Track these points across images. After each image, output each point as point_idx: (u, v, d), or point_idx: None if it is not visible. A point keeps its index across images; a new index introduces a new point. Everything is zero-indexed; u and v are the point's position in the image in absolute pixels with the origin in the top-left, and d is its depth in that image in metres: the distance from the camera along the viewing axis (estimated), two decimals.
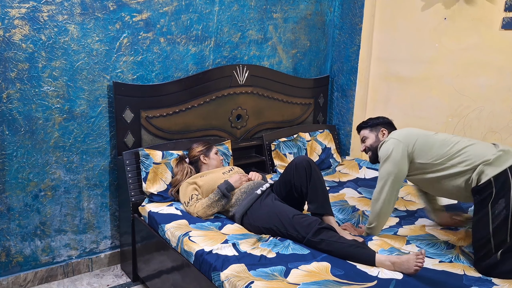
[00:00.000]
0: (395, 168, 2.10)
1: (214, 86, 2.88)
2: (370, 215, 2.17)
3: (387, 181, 2.11)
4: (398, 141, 2.12)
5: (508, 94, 2.62)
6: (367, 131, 2.36)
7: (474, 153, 2.01)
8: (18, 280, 2.47)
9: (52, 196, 2.49)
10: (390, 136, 2.18)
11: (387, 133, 2.29)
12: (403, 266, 1.77)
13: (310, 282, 1.68)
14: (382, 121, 2.36)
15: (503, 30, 2.59)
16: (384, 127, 2.32)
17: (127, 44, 2.55)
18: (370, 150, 2.34)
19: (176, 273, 2.14)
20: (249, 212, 2.23)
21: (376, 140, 2.32)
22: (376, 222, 2.15)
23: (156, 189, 2.50)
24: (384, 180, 2.12)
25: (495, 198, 1.90)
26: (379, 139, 2.31)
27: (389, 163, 2.11)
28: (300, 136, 3.24)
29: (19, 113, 2.31)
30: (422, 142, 2.13)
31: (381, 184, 2.13)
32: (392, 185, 2.11)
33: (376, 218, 2.15)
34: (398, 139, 2.13)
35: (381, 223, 2.16)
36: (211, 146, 2.63)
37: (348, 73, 3.44)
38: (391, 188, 2.11)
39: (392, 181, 2.10)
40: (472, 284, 1.73)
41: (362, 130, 2.39)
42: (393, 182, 2.11)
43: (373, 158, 2.34)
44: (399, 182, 2.13)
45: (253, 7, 3.02)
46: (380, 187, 2.13)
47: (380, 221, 2.15)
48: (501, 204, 1.89)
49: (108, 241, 2.75)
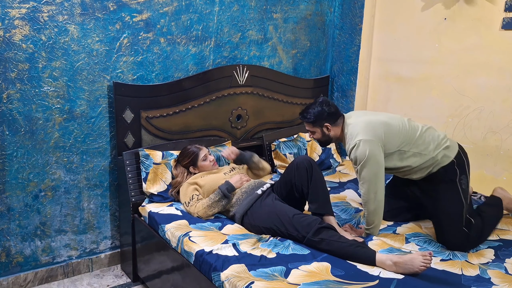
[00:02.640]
0: (377, 166, 2.12)
1: (214, 86, 2.88)
2: (367, 217, 2.18)
3: (375, 178, 2.12)
4: (370, 141, 2.11)
5: (508, 94, 2.62)
6: (311, 126, 2.30)
7: (430, 139, 2.20)
8: (18, 281, 2.47)
9: (52, 196, 2.49)
10: (359, 137, 2.12)
11: (331, 127, 2.25)
12: (406, 265, 1.77)
13: (310, 283, 1.68)
14: (323, 115, 2.25)
15: (503, 30, 2.59)
16: (327, 122, 2.26)
17: (127, 44, 2.55)
18: (318, 141, 2.36)
19: (176, 274, 2.14)
20: (249, 212, 2.23)
21: (323, 135, 2.30)
22: (376, 221, 2.16)
23: (156, 189, 2.50)
24: (371, 180, 2.12)
25: (459, 175, 2.17)
26: (326, 134, 2.28)
27: (370, 165, 2.11)
28: (300, 136, 3.24)
29: (19, 113, 2.31)
30: (386, 133, 2.16)
31: (368, 184, 2.12)
32: (379, 182, 2.13)
33: (374, 217, 2.16)
34: (369, 138, 2.11)
35: (380, 220, 2.18)
36: (196, 155, 2.51)
37: (348, 73, 3.44)
38: (380, 185, 2.13)
39: (378, 179, 2.12)
40: (471, 284, 1.74)
41: (305, 123, 2.33)
42: (379, 179, 2.13)
43: (322, 145, 2.40)
44: (383, 177, 2.15)
45: (253, 7, 3.02)
46: (368, 188, 2.13)
47: (378, 218, 2.16)
48: (464, 179, 2.19)
49: (108, 241, 2.75)
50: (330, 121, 2.26)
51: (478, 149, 2.75)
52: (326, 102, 2.29)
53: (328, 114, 2.26)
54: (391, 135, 2.16)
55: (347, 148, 2.21)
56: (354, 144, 2.14)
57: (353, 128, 2.20)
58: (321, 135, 2.30)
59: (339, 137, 2.30)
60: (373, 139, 2.11)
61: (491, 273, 1.84)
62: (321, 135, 2.30)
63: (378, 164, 2.12)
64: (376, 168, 2.11)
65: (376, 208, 2.14)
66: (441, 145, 2.19)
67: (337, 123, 2.28)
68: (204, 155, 2.53)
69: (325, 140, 2.33)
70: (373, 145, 2.11)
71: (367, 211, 2.16)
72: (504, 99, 2.63)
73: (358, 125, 2.19)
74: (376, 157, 2.11)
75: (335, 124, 2.27)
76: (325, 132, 2.28)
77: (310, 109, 2.29)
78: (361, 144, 2.11)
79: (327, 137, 2.30)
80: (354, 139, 2.15)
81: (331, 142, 2.36)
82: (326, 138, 2.31)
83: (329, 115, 2.26)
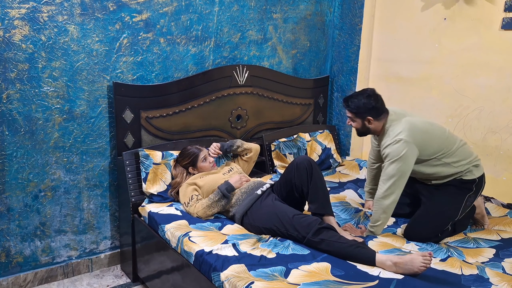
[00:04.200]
0: (407, 167, 2.13)
1: (214, 87, 2.87)
2: (375, 213, 2.17)
3: (399, 179, 2.13)
4: (410, 143, 2.12)
5: (508, 94, 2.62)
6: (353, 115, 2.28)
7: (465, 155, 2.24)
8: (18, 281, 2.47)
9: (52, 196, 2.49)
10: (401, 136, 2.13)
11: (373, 121, 2.23)
12: (406, 266, 1.77)
13: (310, 283, 1.68)
14: (367, 107, 2.22)
15: (503, 30, 2.59)
16: (370, 115, 2.23)
17: (127, 44, 2.55)
18: (357, 130, 2.33)
19: (176, 274, 2.14)
20: (249, 212, 2.23)
21: (362, 126, 2.27)
22: (382, 220, 2.16)
23: (156, 189, 2.49)
24: (395, 178, 2.13)
25: (473, 193, 2.23)
26: (366, 126, 2.26)
27: (401, 163, 2.11)
28: (300, 136, 3.24)
29: (19, 113, 2.31)
30: (425, 141, 2.17)
31: (391, 182, 2.13)
32: (402, 182, 2.14)
33: (383, 216, 2.15)
34: (410, 140, 2.12)
35: (386, 220, 2.18)
36: (196, 155, 2.52)
37: (348, 74, 3.44)
38: (401, 185, 2.15)
39: (402, 178, 2.13)
40: (471, 284, 1.74)
41: (347, 110, 2.30)
42: (403, 179, 2.14)
43: (359, 134, 2.36)
44: (406, 181, 2.16)
45: (253, 8, 3.02)
46: (389, 185, 2.13)
47: (386, 218, 2.16)
48: (472, 199, 2.24)
49: (108, 241, 2.75)
50: (373, 115, 2.22)
51: (478, 149, 2.75)
52: (374, 95, 2.23)
53: (372, 108, 2.21)
54: (429, 144, 2.19)
55: (384, 142, 2.20)
56: (393, 140, 2.14)
57: (396, 126, 2.19)
58: (360, 126, 2.27)
59: (377, 131, 2.28)
60: (411, 142, 2.12)
61: (489, 272, 1.85)
62: (361, 126, 2.27)
63: (407, 166, 2.13)
64: (404, 169, 2.12)
65: (389, 206, 2.14)
66: (472, 162, 2.25)
67: (380, 118, 2.24)
68: (204, 156, 2.53)
69: (363, 131, 2.31)
70: (411, 147, 2.12)
71: (378, 207, 2.15)
72: (504, 99, 2.63)
73: (402, 124, 2.18)
74: (409, 159, 2.12)
75: (378, 118, 2.23)
76: (365, 124, 2.26)
77: (356, 99, 2.23)
78: (401, 143, 2.12)
79: (366, 129, 2.28)
80: (395, 136, 2.15)
81: (370, 133, 2.33)
82: (365, 130, 2.28)
83: (374, 109, 2.21)
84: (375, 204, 2.19)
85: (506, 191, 2.64)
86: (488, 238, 2.20)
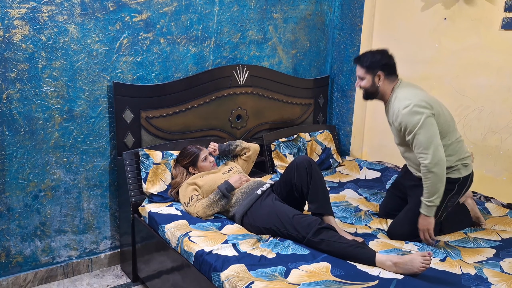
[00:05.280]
0: (434, 128, 2.04)
1: (214, 87, 2.88)
2: (430, 187, 2.05)
3: (432, 144, 2.02)
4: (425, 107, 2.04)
5: (508, 94, 2.62)
6: (363, 72, 2.19)
7: (458, 151, 2.19)
8: (18, 281, 2.47)
9: (52, 196, 2.49)
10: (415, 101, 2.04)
11: (383, 78, 2.15)
12: (406, 266, 1.77)
13: (310, 283, 1.68)
14: (380, 62, 2.15)
15: (503, 30, 2.59)
16: (381, 70, 2.15)
17: (127, 44, 2.55)
18: (364, 90, 2.24)
19: (176, 274, 2.14)
20: (249, 212, 2.23)
21: (372, 84, 2.18)
22: (441, 189, 2.06)
23: (156, 189, 2.49)
24: (429, 146, 2.02)
25: (455, 193, 2.19)
26: (375, 84, 2.18)
27: (425, 130, 2.02)
28: (300, 136, 3.24)
29: (19, 113, 2.31)
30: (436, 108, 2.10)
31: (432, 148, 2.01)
32: (439, 144, 2.04)
33: (440, 185, 2.05)
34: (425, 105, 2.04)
35: (443, 187, 2.08)
36: (197, 155, 2.52)
37: (348, 73, 3.44)
38: (439, 144, 2.04)
39: (437, 141, 2.04)
40: (471, 284, 1.74)
41: (358, 67, 2.22)
42: (437, 138, 2.05)
43: (365, 96, 2.26)
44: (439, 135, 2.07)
45: (253, 8, 3.02)
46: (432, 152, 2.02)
47: (443, 185, 2.06)
48: (455, 199, 2.20)
49: (108, 241, 2.75)
50: (384, 71, 2.15)
51: (478, 149, 2.75)
52: (388, 53, 2.17)
53: (385, 64, 2.15)
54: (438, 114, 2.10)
55: (397, 107, 2.09)
56: (407, 105, 2.04)
57: (409, 91, 2.11)
58: (370, 84, 2.18)
59: (385, 94, 2.19)
60: (428, 107, 2.05)
61: (487, 272, 1.85)
62: (370, 84, 2.18)
63: (433, 125, 2.04)
64: (431, 131, 2.03)
65: (443, 171, 2.04)
66: (463, 160, 2.20)
67: (391, 78, 2.16)
68: (204, 156, 2.53)
69: (372, 92, 2.21)
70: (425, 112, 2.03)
71: (435, 177, 2.04)
72: (504, 99, 2.63)
73: (415, 90, 2.11)
74: (429, 122, 2.03)
75: (389, 77, 2.16)
76: (375, 82, 2.17)
77: (369, 54, 2.18)
78: (415, 107, 2.02)
79: (375, 88, 2.19)
80: (407, 100, 2.05)
81: (376, 96, 2.23)
82: (374, 89, 2.19)
83: (386, 65, 2.15)
84: (426, 178, 2.06)
85: (506, 191, 2.64)
86: (488, 238, 2.20)
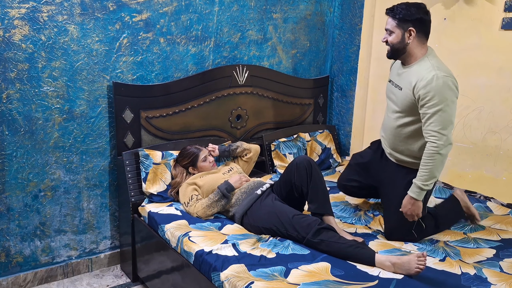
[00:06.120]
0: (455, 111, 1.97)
1: (214, 86, 2.88)
2: (431, 170, 1.98)
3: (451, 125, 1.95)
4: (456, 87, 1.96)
5: (508, 94, 2.62)
6: (394, 24, 2.02)
7: None
8: (17, 281, 2.47)
9: (52, 196, 2.49)
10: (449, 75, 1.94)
11: (414, 35, 2.00)
12: (404, 267, 1.77)
13: (310, 282, 1.68)
14: (414, 17, 1.98)
15: (502, 30, 2.59)
16: (414, 26, 1.98)
17: (127, 44, 2.55)
18: (390, 47, 2.08)
19: (176, 274, 2.14)
20: (249, 212, 2.23)
21: (401, 40, 2.02)
22: (438, 175, 2.02)
23: (156, 189, 2.49)
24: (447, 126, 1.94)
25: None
26: (404, 40, 2.01)
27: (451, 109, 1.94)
28: (300, 136, 3.24)
29: (18, 113, 2.31)
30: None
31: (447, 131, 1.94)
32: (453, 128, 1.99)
33: (441, 168, 1.99)
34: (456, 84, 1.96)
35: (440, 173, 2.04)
36: (196, 155, 2.52)
37: (348, 73, 3.44)
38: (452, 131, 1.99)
39: (453, 124, 1.98)
40: (470, 284, 1.74)
41: (390, 19, 2.05)
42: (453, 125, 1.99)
43: (389, 54, 2.11)
44: None
45: (253, 8, 3.02)
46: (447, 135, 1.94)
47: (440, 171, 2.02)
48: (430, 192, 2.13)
49: (108, 241, 2.75)
50: (417, 28, 1.98)
51: (478, 149, 2.75)
52: (425, 8, 2.00)
53: (420, 20, 1.98)
54: None
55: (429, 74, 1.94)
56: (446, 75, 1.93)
57: (444, 65, 2.00)
58: (399, 39, 2.01)
59: (412, 55, 2.04)
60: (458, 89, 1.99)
61: (487, 272, 1.85)
62: (399, 40, 2.02)
63: (455, 109, 1.97)
64: (455, 112, 1.96)
65: (446, 156, 1.98)
66: None
67: (422, 39, 2.02)
68: (204, 156, 2.53)
69: (398, 49, 2.05)
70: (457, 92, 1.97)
71: (440, 159, 1.96)
72: (504, 99, 2.63)
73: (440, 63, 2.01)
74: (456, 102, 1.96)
75: (420, 37, 2.00)
76: (404, 38, 2.01)
77: (404, 5, 2.00)
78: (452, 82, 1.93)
79: (403, 45, 2.03)
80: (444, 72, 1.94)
81: (401, 55, 2.07)
82: (402, 45, 2.03)
83: (421, 21, 1.98)
84: (431, 160, 1.96)
85: (506, 191, 2.64)
86: (488, 238, 2.20)
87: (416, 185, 2.02)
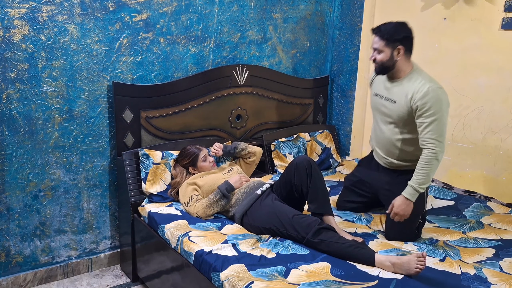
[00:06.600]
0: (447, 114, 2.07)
1: (213, 86, 2.88)
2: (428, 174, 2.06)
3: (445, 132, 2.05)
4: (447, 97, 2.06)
5: (508, 94, 2.62)
6: (383, 44, 2.09)
7: None
8: (17, 281, 2.47)
9: (51, 196, 2.49)
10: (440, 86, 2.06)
11: (402, 52, 2.08)
12: (403, 267, 1.77)
13: (310, 282, 1.68)
14: (400, 36, 2.06)
15: (502, 30, 2.59)
16: (402, 44, 2.07)
17: (127, 44, 2.55)
18: (380, 64, 2.14)
19: (175, 274, 2.14)
20: (249, 212, 2.23)
21: (390, 58, 2.09)
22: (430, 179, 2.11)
23: (155, 189, 2.49)
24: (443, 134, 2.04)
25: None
26: (393, 58, 2.09)
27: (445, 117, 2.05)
28: (300, 136, 3.24)
29: (18, 113, 2.31)
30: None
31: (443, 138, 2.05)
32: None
33: (434, 173, 2.09)
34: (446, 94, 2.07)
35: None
36: (196, 155, 2.53)
37: (348, 73, 3.44)
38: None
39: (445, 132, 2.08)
40: (470, 284, 1.74)
41: (377, 38, 2.11)
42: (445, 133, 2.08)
43: (378, 70, 2.18)
44: None
45: (253, 7, 3.02)
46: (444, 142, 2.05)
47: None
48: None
49: (108, 241, 2.75)
50: (405, 46, 2.07)
51: (477, 149, 2.75)
52: (408, 26, 2.08)
53: (407, 38, 2.07)
54: None
55: (423, 86, 2.04)
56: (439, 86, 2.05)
57: (422, 74, 2.10)
58: (388, 57, 2.09)
59: (401, 71, 2.13)
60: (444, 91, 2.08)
61: (487, 272, 1.85)
62: (388, 58, 2.09)
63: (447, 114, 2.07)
64: (447, 120, 2.07)
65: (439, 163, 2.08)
66: None
67: (408, 54, 2.11)
68: (204, 156, 2.53)
69: (388, 66, 2.12)
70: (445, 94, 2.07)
71: (437, 165, 2.06)
72: (504, 99, 2.63)
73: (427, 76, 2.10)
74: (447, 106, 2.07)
75: (408, 54, 2.10)
76: (393, 56, 2.08)
77: (389, 25, 2.08)
78: (444, 92, 2.04)
79: (392, 62, 2.10)
80: (436, 83, 2.05)
81: (390, 71, 2.15)
82: (391, 63, 2.11)
83: (408, 39, 2.08)
84: (429, 165, 2.04)
85: (506, 191, 2.64)
86: (488, 238, 2.20)
87: (412, 188, 2.10)
